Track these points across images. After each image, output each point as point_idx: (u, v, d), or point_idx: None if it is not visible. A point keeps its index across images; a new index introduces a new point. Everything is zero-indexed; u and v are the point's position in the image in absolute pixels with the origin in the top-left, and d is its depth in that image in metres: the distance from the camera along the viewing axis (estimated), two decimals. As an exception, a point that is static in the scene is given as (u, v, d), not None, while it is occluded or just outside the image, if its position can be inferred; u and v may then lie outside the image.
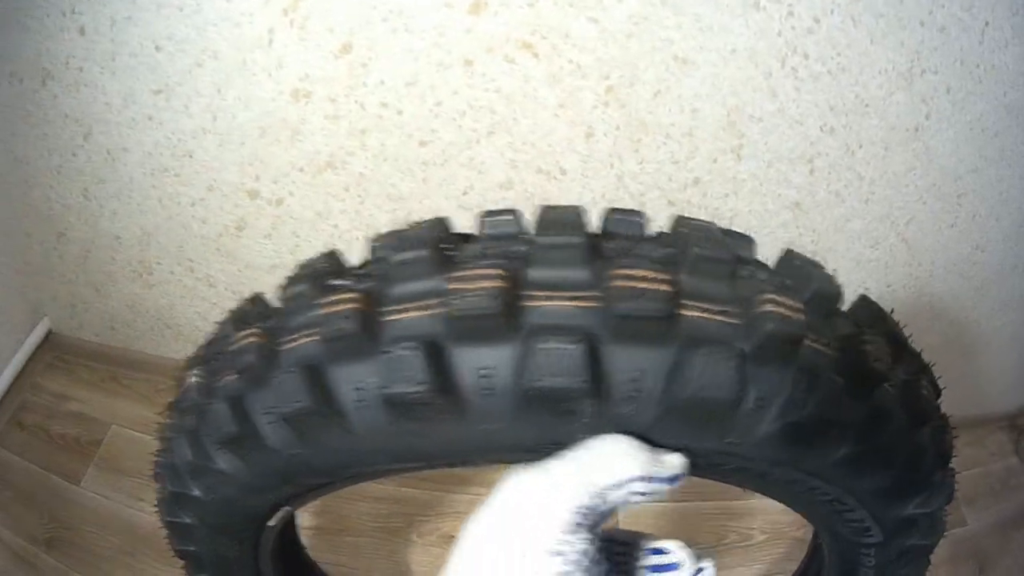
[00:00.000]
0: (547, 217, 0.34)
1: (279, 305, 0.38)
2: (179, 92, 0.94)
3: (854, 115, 0.93)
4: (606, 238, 0.34)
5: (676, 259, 0.32)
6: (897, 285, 1.16)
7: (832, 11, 0.84)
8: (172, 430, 0.40)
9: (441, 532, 1.19)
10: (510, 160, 0.98)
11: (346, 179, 1.01)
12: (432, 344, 0.30)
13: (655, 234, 0.35)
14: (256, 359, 0.34)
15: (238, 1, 0.85)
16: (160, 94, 0.95)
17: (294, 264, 0.39)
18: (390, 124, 0.94)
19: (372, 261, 0.36)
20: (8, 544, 1.13)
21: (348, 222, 1.06)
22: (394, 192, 1.02)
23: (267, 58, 0.89)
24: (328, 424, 0.33)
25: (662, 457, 0.32)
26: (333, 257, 0.38)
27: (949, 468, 0.41)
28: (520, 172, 0.99)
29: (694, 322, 0.30)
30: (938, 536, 0.45)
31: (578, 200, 0.34)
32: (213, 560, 0.48)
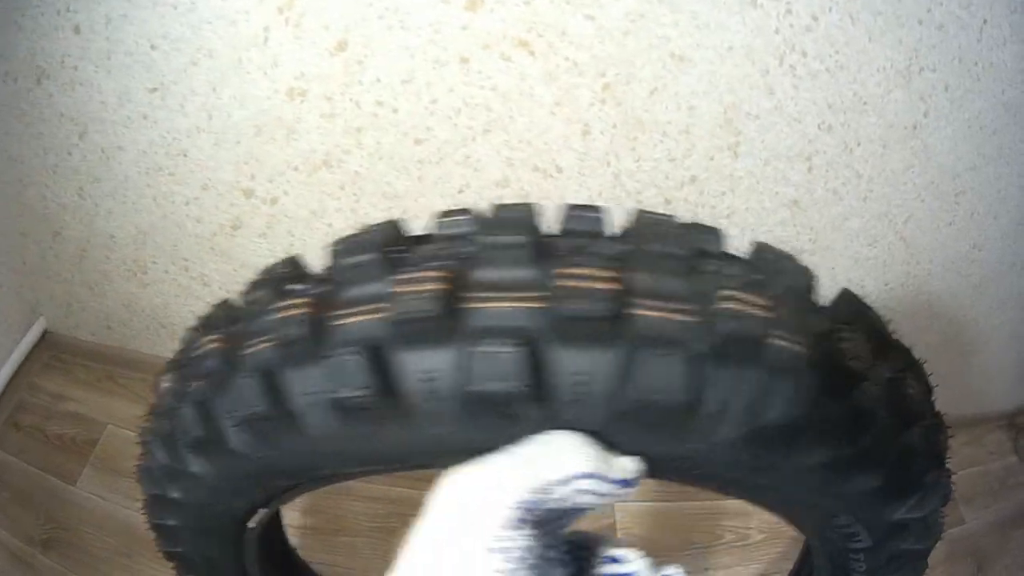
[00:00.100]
0: (497, 216, 0.33)
1: (243, 310, 0.38)
2: (174, 91, 0.94)
3: (852, 113, 0.93)
4: (562, 236, 0.33)
5: (630, 256, 0.31)
6: (895, 283, 1.16)
7: (830, 9, 0.83)
8: (149, 434, 0.41)
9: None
10: (506, 158, 0.97)
11: (341, 178, 1.01)
12: (375, 348, 0.29)
13: (613, 231, 0.34)
14: (219, 364, 0.34)
15: (233, -1, 0.85)
16: (155, 92, 0.94)
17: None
18: (385, 122, 0.94)
19: (331, 266, 0.36)
20: (5, 545, 1.13)
21: (343, 221, 1.06)
22: (389, 191, 1.02)
23: (262, 56, 0.89)
24: (284, 428, 0.33)
25: (614, 459, 0.31)
26: (294, 262, 0.38)
27: (944, 469, 0.39)
28: (516, 170, 0.99)
29: (646, 321, 0.29)
30: (933, 540, 0.43)
31: (575, 198, 0.33)
32: (200, 561, 0.48)
